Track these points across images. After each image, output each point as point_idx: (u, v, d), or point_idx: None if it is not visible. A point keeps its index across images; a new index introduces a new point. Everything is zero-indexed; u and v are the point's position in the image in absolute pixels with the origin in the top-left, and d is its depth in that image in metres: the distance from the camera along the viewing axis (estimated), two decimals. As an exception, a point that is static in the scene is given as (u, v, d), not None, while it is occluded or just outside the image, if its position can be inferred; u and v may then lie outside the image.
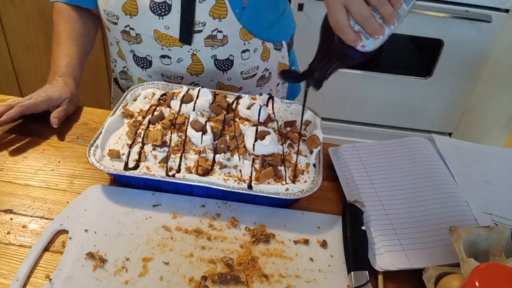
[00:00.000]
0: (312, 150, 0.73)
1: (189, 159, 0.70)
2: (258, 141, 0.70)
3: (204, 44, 0.86)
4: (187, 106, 0.77)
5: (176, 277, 0.59)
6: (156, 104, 0.80)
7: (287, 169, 0.70)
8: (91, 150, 0.70)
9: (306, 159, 0.72)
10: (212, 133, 0.72)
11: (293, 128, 0.77)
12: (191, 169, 0.68)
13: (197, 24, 0.83)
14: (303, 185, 0.68)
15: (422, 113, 1.83)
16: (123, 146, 0.71)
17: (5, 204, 0.67)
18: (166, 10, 0.82)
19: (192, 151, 0.70)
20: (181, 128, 0.74)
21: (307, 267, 0.61)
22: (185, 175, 0.67)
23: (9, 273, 0.58)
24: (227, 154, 0.70)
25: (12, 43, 1.85)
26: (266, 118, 0.77)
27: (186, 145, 0.71)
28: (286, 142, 0.74)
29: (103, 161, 0.69)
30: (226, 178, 0.68)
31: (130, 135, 0.73)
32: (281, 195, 0.66)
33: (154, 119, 0.75)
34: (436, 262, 0.61)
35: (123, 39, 0.90)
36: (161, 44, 0.86)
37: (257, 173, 0.68)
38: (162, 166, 0.69)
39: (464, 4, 1.54)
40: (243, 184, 0.67)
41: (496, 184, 0.76)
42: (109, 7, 0.86)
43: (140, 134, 0.73)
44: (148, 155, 0.70)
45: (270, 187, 0.67)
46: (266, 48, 0.94)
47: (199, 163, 0.69)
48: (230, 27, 0.85)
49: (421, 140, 0.82)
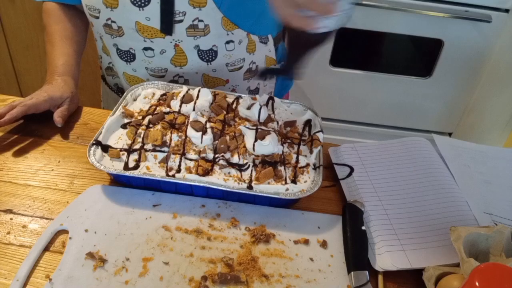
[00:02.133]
0: (312, 150, 0.73)
1: (189, 159, 0.69)
2: (258, 141, 0.70)
3: (186, 34, 0.85)
4: (187, 106, 0.77)
5: (176, 277, 0.59)
6: (156, 104, 0.80)
7: (287, 169, 0.70)
8: (91, 150, 0.70)
9: (306, 159, 0.72)
10: (212, 133, 0.72)
11: (293, 128, 0.78)
12: (191, 169, 0.68)
13: (177, 14, 0.82)
14: (303, 185, 0.68)
15: (422, 113, 1.83)
16: (123, 146, 0.71)
17: (5, 204, 0.67)
18: (146, 1, 0.81)
19: (192, 151, 0.70)
20: (181, 128, 0.74)
21: (307, 267, 0.61)
22: (185, 175, 0.67)
23: (9, 273, 0.58)
24: (227, 154, 0.70)
25: (12, 43, 1.85)
26: (266, 118, 0.77)
27: (186, 145, 0.71)
28: (286, 142, 0.74)
29: (103, 161, 0.69)
30: (226, 178, 0.68)
31: (130, 135, 0.73)
32: (281, 195, 0.66)
33: (154, 119, 0.75)
34: (436, 262, 0.61)
35: (106, 33, 0.89)
36: (143, 36, 0.86)
37: (257, 173, 0.68)
38: (162, 166, 0.69)
39: (464, 4, 1.54)
40: (243, 184, 0.67)
41: (496, 184, 0.76)
42: (90, 1, 0.86)
43: (140, 134, 0.73)
44: (148, 155, 0.70)
45: (270, 187, 0.67)
46: (252, 41, 0.94)
47: (199, 163, 0.69)
48: (210, 16, 0.84)
49: (421, 140, 0.82)
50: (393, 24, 1.58)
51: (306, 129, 0.78)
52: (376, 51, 1.75)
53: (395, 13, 1.54)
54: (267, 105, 0.81)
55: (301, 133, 0.77)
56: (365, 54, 1.78)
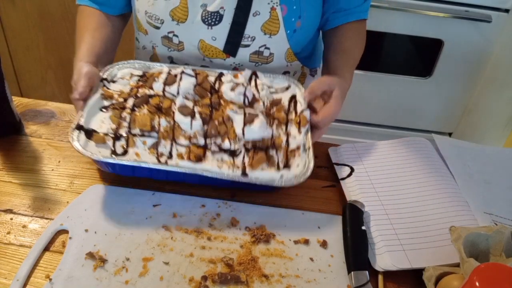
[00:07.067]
0: (300, 130, 0.72)
1: (179, 145, 0.67)
2: (248, 126, 0.69)
3: (249, 59, 0.83)
4: (171, 89, 0.73)
5: (176, 277, 0.59)
6: (137, 85, 0.76)
7: (279, 154, 0.69)
8: (74, 135, 0.65)
9: (295, 141, 0.70)
10: (201, 118, 0.70)
11: (279, 107, 0.75)
12: (183, 155, 0.66)
13: (246, 38, 0.81)
14: (296, 169, 0.67)
15: (422, 113, 1.83)
16: (108, 131, 0.68)
17: (5, 204, 0.67)
18: (217, 20, 0.79)
19: (182, 137, 0.68)
20: (168, 112, 0.71)
21: (307, 267, 0.61)
22: (178, 162, 0.65)
23: (9, 273, 0.58)
24: (218, 140, 0.68)
25: (12, 43, 1.85)
26: (252, 99, 0.74)
27: (175, 130, 0.68)
28: (274, 124, 0.72)
29: (89, 147, 0.65)
30: (219, 164, 0.66)
31: (114, 119, 0.69)
32: (276, 182, 0.65)
33: (138, 102, 0.71)
34: (436, 262, 0.61)
35: (163, 45, 0.86)
36: (204, 55, 0.83)
37: (250, 159, 0.67)
38: (152, 152, 0.66)
39: (464, 4, 1.54)
40: (237, 171, 0.66)
41: (496, 184, 0.76)
42: (154, 10, 0.81)
43: (125, 118, 0.69)
44: (137, 141, 0.67)
45: (264, 174, 0.66)
46: (304, 73, 0.94)
47: (190, 149, 0.67)
48: (278, 45, 0.83)
49: (421, 140, 0.82)
50: (393, 24, 1.58)
51: (291, 106, 0.76)
52: (376, 51, 1.75)
53: (395, 13, 1.54)
54: (250, 81, 0.78)
55: (287, 111, 0.75)
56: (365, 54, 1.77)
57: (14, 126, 0.80)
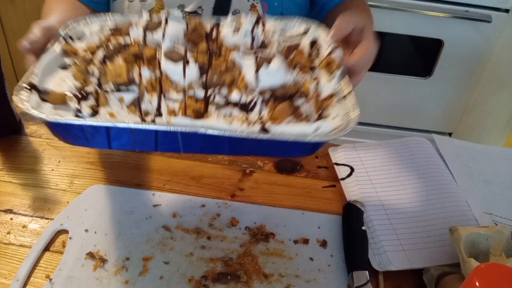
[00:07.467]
0: (333, 73, 0.56)
1: (170, 100, 0.50)
2: (263, 68, 0.52)
3: None
4: (154, 35, 0.57)
5: (176, 276, 0.59)
6: (109, 36, 0.60)
7: (308, 104, 0.52)
8: (21, 95, 0.49)
9: (327, 87, 0.54)
10: (197, 65, 0.54)
11: (299, 50, 0.59)
12: (176, 112, 0.50)
13: None
14: (334, 122, 0.50)
15: (422, 113, 1.83)
16: (69, 90, 0.51)
17: (5, 204, 0.67)
18: None
19: (172, 91, 0.51)
20: (152, 62, 0.53)
21: (307, 267, 0.61)
22: (170, 120, 0.48)
23: (9, 273, 0.58)
24: (224, 90, 0.52)
25: (12, 43, 1.85)
26: (261, 43, 0.59)
27: (163, 82, 0.52)
28: (295, 70, 0.56)
29: (42, 109, 0.49)
30: (228, 120, 0.50)
31: (78, 75, 0.53)
32: (310, 136, 0.48)
33: (111, 52, 0.55)
34: (436, 262, 0.61)
35: None
36: None
37: (270, 110, 0.50)
38: (133, 111, 0.49)
39: (464, 4, 1.54)
40: (254, 127, 0.48)
41: (496, 184, 0.76)
42: (130, 11, 0.79)
43: (93, 73, 0.53)
44: (111, 98, 0.50)
45: (293, 128, 0.49)
46: None
47: (186, 104, 0.50)
48: None
49: (421, 140, 0.82)
50: (393, 24, 1.58)
51: (314, 51, 0.61)
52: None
53: (395, 13, 1.54)
54: (257, 26, 0.61)
55: (311, 55, 0.60)
56: (365, 54, 1.77)
57: (14, 126, 0.80)
